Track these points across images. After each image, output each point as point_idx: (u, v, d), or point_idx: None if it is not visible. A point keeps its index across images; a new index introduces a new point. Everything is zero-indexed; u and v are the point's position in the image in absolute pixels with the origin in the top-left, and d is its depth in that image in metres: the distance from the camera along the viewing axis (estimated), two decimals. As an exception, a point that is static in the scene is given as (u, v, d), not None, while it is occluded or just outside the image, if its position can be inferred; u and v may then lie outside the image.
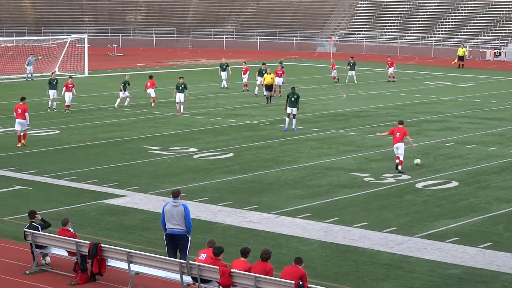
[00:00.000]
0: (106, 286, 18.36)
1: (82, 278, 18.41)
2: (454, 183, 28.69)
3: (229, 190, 27.30)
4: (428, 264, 20.18)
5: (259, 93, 51.75)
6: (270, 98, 49.11)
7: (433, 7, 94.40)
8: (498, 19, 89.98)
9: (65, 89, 44.20)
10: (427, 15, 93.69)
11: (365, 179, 29.10)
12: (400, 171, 30.16)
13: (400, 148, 30.32)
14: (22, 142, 34.46)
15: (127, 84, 46.87)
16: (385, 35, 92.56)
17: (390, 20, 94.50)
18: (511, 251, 21.26)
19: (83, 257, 18.43)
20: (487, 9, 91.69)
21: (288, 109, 38.98)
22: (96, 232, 22.29)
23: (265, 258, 16.60)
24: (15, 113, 34.82)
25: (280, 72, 52.27)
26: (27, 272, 18.96)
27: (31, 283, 18.35)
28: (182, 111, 43.70)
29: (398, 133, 30.59)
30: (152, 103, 47.20)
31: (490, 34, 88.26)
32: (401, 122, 31.27)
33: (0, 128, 38.63)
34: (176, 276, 17.49)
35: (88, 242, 18.47)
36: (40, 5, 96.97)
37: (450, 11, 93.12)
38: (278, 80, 51.53)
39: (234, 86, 55.49)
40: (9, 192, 26.75)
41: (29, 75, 60.25)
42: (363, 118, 43.46)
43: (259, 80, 52.17)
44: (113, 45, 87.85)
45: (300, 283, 15.93)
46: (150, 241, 21.51)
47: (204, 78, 60.30)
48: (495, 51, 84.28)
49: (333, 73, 61.40)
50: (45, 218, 19.83)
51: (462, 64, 75.37)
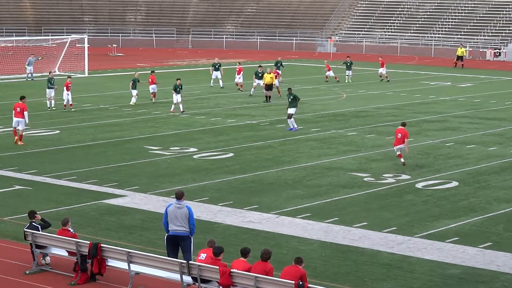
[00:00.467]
0: (106, 286, 18.36)
1: (82, 278, 18.41)
2: (454, 183, 28.69)
3: (229, 190, 27.29)
4: (428, 264, 20.17)
5: (254, 93, 51.75)
6: (269, 98, 49.10)
7: (433, 7, 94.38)
8: (498, 19, 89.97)
9: (65, 88, 44.47)
10: (427, 15, 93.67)
11: (365, 179, 29.10)
12: (403, 164, 31.02)
13: (401, 149, 31.36)
14: (17, 139, 34.68)
15: (137, 82, 47.67)
16: (385, 35, 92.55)
17: (390, 20, 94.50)
18: (511, 251, 21.25)
19: (83, 257, 18.43)
20: (487, 9, 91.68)
21: (288, 110, 39.13)
22: (96, 232, 22.29)
23: (265, 258, 16.61)
24: (13, 111, 35.23)
25: (275, 73, 52.23)
26: (27, 272, 18.97)
27: (31, 283, 18.35)
28: (182, 109, 43.98)
29: (400, 134, 31.25)
30: (153, 98, 48.46)
31: (490, 34, 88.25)
32: (403, 124, 31.98)
33: (0, 128, 38.64)
34: (176, 276, 17.49)
35: (88, 242, 18.47)
36: (40, 5, 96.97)
37: (450, 11, 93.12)
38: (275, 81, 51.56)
39: (231, 86, 55.41)
40: (9, 192, 26.74)
41: (29, 75, 60.24)
42: (363, 118, 43.45)
43: (256, 82, 52.18)
44: (113, 45, 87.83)
45: (300, 283, 15.94)
46: (150, 241, 21.51)
47: (204, 78, 60.22)
48: (495, 51, 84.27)
49: (328, 73, 61.40)
50: (45, 218, 19.83)
51: (462, 64, 75.33)
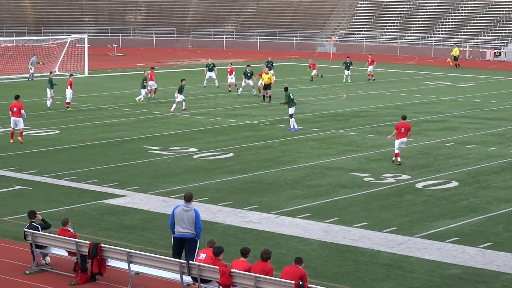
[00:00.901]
0: (106, 286, 18.36)
1: (82, 278, 18.41)
2: (454, 183, 28.69)
3: (229, 190, 27.29)
4: (428, 264, 20.17)
5: (242, 93, 51.72)
6: (269, 97, 49.10)
7: (433, 7, 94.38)
8: (498, 19, 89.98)
9: (69, 87, 44.96)
10: (427, 15, 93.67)
11: (365, 179, 29.10)
12: (399, 164, 30.97)
13: (404, 143, 31.49)
14: (19, 139, 34.82)
15: (146, 80, 48.88)
16: (385, 35, 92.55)
17: (390, 20, 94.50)
18: (511, 251, 21.25)
19: (83, 257, 18.42)
20: (487, 9, 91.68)
21: (290, 109, 39.28)
22: (96, 232, 22.28)
23: (265, 258, 16.61)
24: (10, 112, 35.41)
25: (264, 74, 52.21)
26: (27, 272, 18.96)
27: (31, 283, 18.35)
28: (185, 107, 44.85)
29: (403, 128, 31.57)
30: (153, 94, 49.82)
31: (490, 34, 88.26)
32: (404, 117, 32.26)
33: (0, 128, 38.64)
34: (176, 276, 17.50)
35: (88, 242, 18.47)
36: (40, 5, 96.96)
37: (450, 11, 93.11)
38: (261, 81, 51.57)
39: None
40: (9, 192, 26.74)
41: (31, 74, 60.34)
42: (363, 118, 43.45)
43: (245, 82, 52.25)
44: (113, 45, 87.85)
45: (300, 283, 15.93)
46: (150, 241, 21.51)
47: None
48: (495, 51, 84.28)
49: (313, 72, 61.14)
50: (45, 218, 19.83)
51: (458, 64, 75.36)
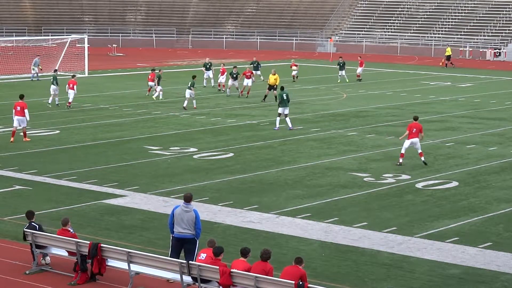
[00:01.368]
0: (106, 286, 18.36)
1: (82, 278, 18.40)
2: (454, 183, 28.69)
3: (229, 190, 27.28)
4: (428, 264, 20.17)
5: (229, 94, 51.92)
6: (276, 97, 49.30)
7: (433, 7, 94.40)
8: (498, 19, 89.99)
9: (68, 86, 45.22)
10: (427, 15, 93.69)
11: (365, 179, 29.09)
12: (425, 163, 31.29)
13: (416, 143, 31.48)
14: (25, 139, 35.08)
15: (159, 78, 49.78)
16: (385, 35, 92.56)
17: (390, 20, 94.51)
18: (511, 251, 21.25)
19: (83, 257, 18.42)
20: (487, 9, 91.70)
21: (279, 109, 39.41)
22: (96, 232, 22.28)
23: (265, 258, 16.60)
24: (14, 110, 35.52)
25: (249, 73, 52.14)
26: (27, 272, 18.96)
27: (31, 283, 18.35)
28: (195, 105, 46.03)
29: (415, 129, 31.63)
30: (150, 92, 50.87)
31: (490, 34, 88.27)
32: (416, 118, 32.31)
33: (0, 128, 38.64)
34: (176, 276, 17.50)
35: (88, 242, 18.47)
36: (40, 5, 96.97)
37: (450, 11, 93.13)
38: (247, 81, 51.52)
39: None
40: (9, 192, 26.73)
41: (35, 74, 60.44)
42: (363, 118, 43.44)
43: (231, 83, 52.41)
44: (113, 45, 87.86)
45: (300, 283, 15.93)
46: (150, 241, 21.50)
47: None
48: (495, 51, 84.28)
49: (294, 72, 60.79)
50: (45, 218, 19.81)
51: (451, 63, 75.34)
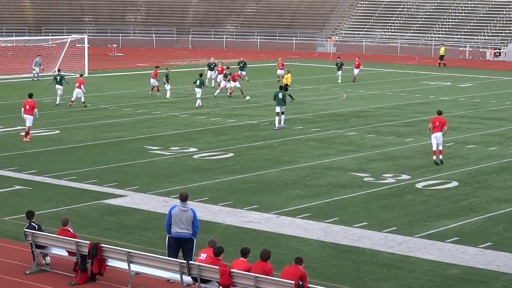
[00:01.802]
0: (106, 286, 18.35)
1: (82, 278, 18.40)
2: (454, 183, 28.68)
3: (229, 190, 27.28)
4: (428, 264, 20.17)
5: (217, 94, 51.91)
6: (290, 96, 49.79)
7: (433, 7, 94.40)
8: (498, 19, 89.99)
9: (76, 85, 45.62)
10: (427, 15, 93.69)
11: (365, 179, 29.09)
12: (441, 162, 31.37)
13: (439, 138, 31.60)
14: (25, 138, 35.18)
15: (168, 76, 50.28)
16: (385, 35, 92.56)
17: (390, 20, 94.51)
18: (511, 251, 21.24)
19: (83, 257, 18.41)
20: (487, 9, 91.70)
21: (276, 108, 39.47)
22: (96, 232, 22.27)
23: (265, 258, 16.61)
24: (23, 109, 35.75)
25: (237, 77, 52.09)
26: (27, 272, 18.95)
27: (31, 283, 18.35)
28: (201, 104, 46.41)
29: (438, 123, 31.83)
30: (153, 91, 51.45)
31: (490, 34, 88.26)
32: (439, 112, 32.54)
33: (0, 128, 38.64)
34: (176, 276, 17.50)
35: (88, 242, 18.47)
36: (40, 5, 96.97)
37: (450, 11, 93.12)
38: (234, 84, 51.50)
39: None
40: (9, 192, 26.73)
41: (36, 74, 60.47)
42: (363, 118, 43.43)
43: (222, 83, 52.37)
44: (113, 45, 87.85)
45: (300, 283, 15.93)
46: (150, 241, 21.50)
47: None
48: (495, 51, 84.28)
49: (279, 71, 60.01)
50: (45, 219, 19.81)
51: (443, 63, 75.35)
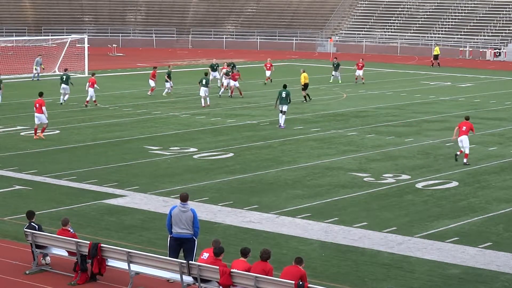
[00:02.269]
0: (106, 286, 18.36)
1: (82, 278, 18.41)
2: (454, 183, 28.68)
3: (229, 190, 27.28)
4: (428, 264, 20.17)
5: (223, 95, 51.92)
6: (307, 96, 50.04)
7: (433, 7, 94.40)
8: (498, 19, 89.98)
9: (88, 84, 46.02)
10: (427, 15, 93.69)
11: (365, 179, 29.08)
12: (465, 163, 31.46)
13: (464, 141, 31.74)
14: (39, 135, 35.59)
15: (169, 74, 50.71)
16: (385, 35, 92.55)
17: (390, 20, 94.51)
18: (511, 251, 21.24)
19: (83, 257, 18.42)
20: (487, 9, 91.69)
21: (279, 106, 39.59)
22: (96, 232, 22.28)
23: (265, 258, 16.61)
24: (35, 108, 36.13)
25: (237, 76, 52.14)
26: (27, 272, 18.96)
27: (31, 283, 18.35)
28: (209, 103, 46.77)
29: (465, 127, 32.14)
30: (150, 91, 51.41)
31: (490, 34, 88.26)
32: (467, 118, 32.99)
33: (0, 128, 38.64)
34: (176, 276, 17.50)
35: (88, 242, 18.47)
36: (40, 5, 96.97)
37: (450, 11, 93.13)
38: (234, 83, 51.57)
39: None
40: (9, 192, 26.73)
41: (36, 74, 60.50)
42: (363, 118, 43.43)
43: (225, 82, 52.41)
44: (113, 45, 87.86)
45: (300, 283, 15.93)
46: (150, 241, 21.51)
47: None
48: (495, 51, 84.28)
49: (267, 72, 59.47)
50: (45, 219, 19.81)
51: (438, 63, 75.33)
